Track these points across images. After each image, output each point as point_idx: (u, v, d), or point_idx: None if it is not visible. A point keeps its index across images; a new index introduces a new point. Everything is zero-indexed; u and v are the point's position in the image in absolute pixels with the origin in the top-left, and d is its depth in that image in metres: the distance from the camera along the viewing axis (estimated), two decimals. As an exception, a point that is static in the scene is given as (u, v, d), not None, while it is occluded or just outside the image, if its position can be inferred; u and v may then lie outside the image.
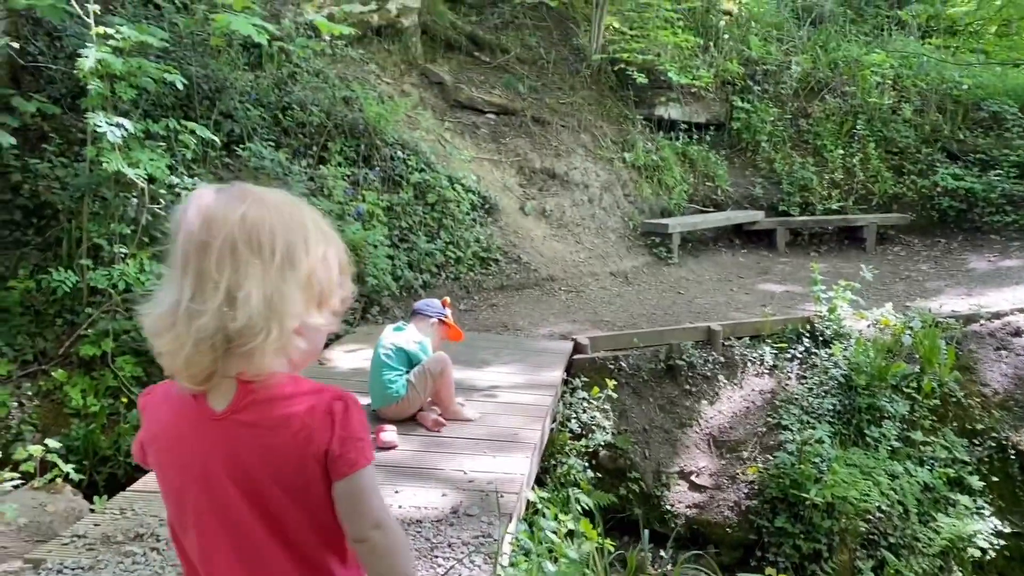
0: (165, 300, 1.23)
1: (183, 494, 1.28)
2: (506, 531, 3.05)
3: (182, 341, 1.19)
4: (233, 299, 1.18)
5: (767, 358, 6.40)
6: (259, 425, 1.24)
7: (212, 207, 1.22)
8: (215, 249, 1.19)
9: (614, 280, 8.03)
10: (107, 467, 5.23)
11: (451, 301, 6.90)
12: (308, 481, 1.24)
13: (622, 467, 5.67)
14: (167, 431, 1.29)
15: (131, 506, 3.21)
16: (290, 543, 1.26)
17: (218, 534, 1.26)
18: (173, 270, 1.23)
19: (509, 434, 4.13)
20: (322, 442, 1.23)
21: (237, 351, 1.20)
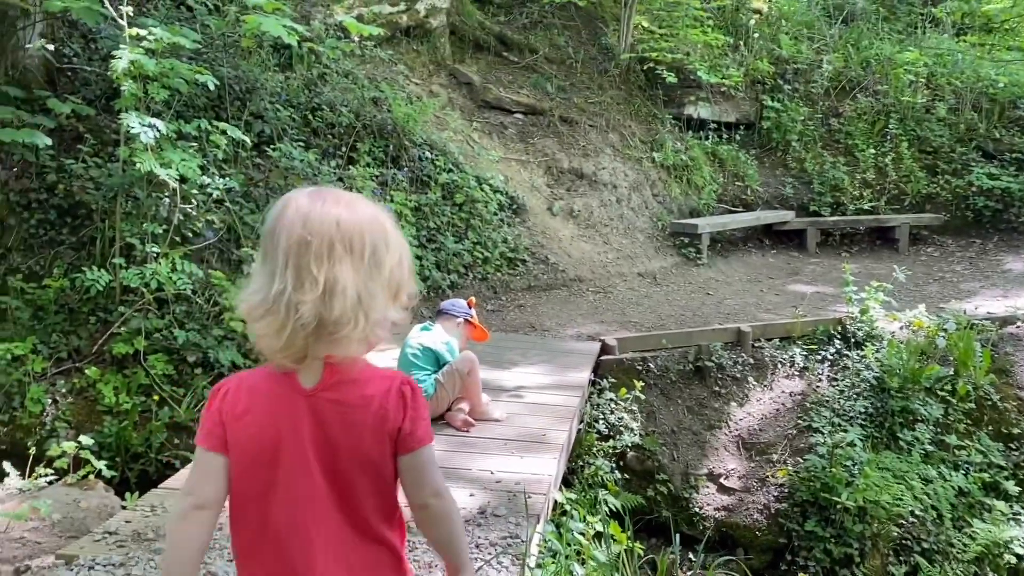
0: (263, 289, 1.39)
1: (274, 462, 1.42)
2: (534, 532, 3.04)
3: (282, 325, 1.35)
4: (331, 292, 1.34)
5: (797, 360, 6.33)
6: (343, 403, 1.42)
7: (310, 210, 1.39)
8: (315, 247, 1.35)
9: (642, 281, 7.99)
10: (139, 464, 5.30)
11: (477, 301, 6.91)
12: (381, 454, 1.42)
13: (650, 469, 5.63)
14: (259, 406, 1.44)
15: (162, 503, 3.24)
16: (352, 508, 1.43)
17: (307, 492, 1.42)
18: (270, 263, 1.39)
19: (536, 435, 4.12)
20: (396, 420, 1.42)
21: (328, 337, 1.37)
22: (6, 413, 5.40)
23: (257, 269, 1.45)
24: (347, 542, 1.44)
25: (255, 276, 1.44)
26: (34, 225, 6.01)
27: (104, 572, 2.72)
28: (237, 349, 5.79)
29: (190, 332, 5.68)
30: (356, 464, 1.42)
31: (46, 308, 5.98)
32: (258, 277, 1.43)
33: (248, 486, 1.45)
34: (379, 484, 1.45)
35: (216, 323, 5.82)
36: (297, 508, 1.42)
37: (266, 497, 1.43)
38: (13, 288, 5.73)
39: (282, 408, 1.43)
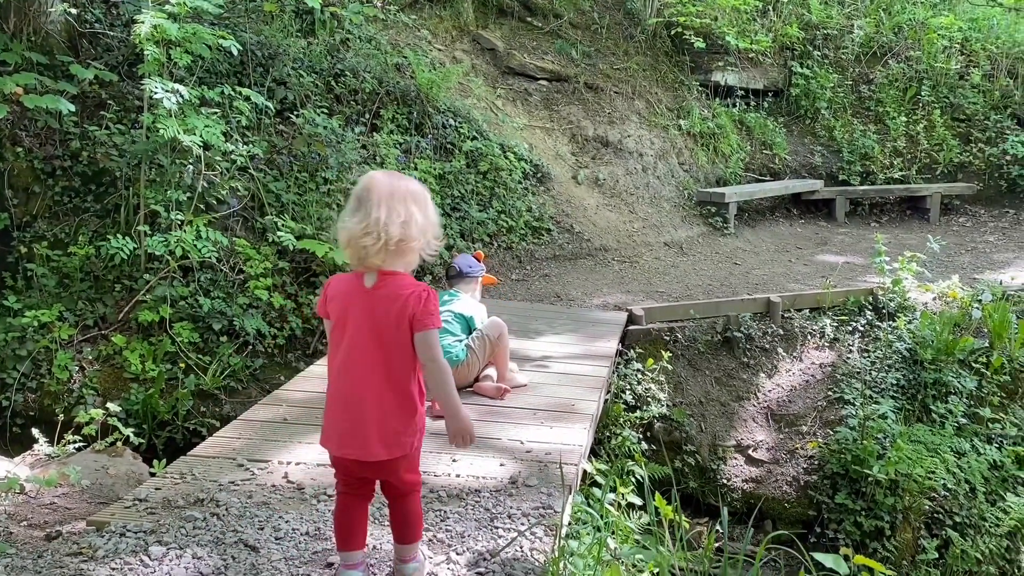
0: (364, 220, 2.20)
1: (345, 326, 2.29)
2: (567, 503, 2.99)
3: (361, 247, 2.21)
4: (407, 222, 2.21)
5: (828, 331, 6.23)
6: (387, 297, 2.25)
7: (387, 177, 2.30)
8: (398, 196, 2.22)
9: (668, 250, 7.88)
10: (166, 431, 5.30)
11: (503, 271, 6.85)
12: (404, 329, 2.24)
13: (677, 440, 5.58)
14: (342, 293, 2.31)
15: (191, 471, 3.23)
16: (391, 368, 2.27)
17: (361, 348, 2.26)
18: (366, 206, 2.20)
19: (566, 405, 4.07)
20: (413, 310, 2.24)
21: (383, 254, 2.21)
22: (34, 380, 5.42)
23: (351, 212, 2.24)
24: (381, 383, 2.27)
25: (351, 215, 2.23)
26: (59, 192, 5.98)
27: (135, 539, 2.70)
28: (263, 317, 5.76)
29: (215, 300, 5.65)
30: (393, 333, 2.24)
31: (72, 276, 5.97)
32: (356, 215, 2.22)
33: (335, 336, 2.33)
34: (407, 349, 2.27)
35: (241, 291, 5.80)
36: (355, 354, 2.26)
37: (341, 344, 2.30)
38: (39, 255, 5.72)
39: (351, 300, 2.29)
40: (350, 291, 2.27)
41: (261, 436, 3.60)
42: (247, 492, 3.06)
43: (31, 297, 5.65)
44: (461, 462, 3.36)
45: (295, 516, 2.88)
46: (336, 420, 2.29)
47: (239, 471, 3.25)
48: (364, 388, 2.24)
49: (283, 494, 3.07)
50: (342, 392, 2.28)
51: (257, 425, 3.73)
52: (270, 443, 3.52)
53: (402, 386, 2.26)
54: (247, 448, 3.47)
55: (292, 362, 5.79)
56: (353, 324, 2.24)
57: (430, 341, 2.24)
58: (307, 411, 3.90)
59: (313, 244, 5.74)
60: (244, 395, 5.57)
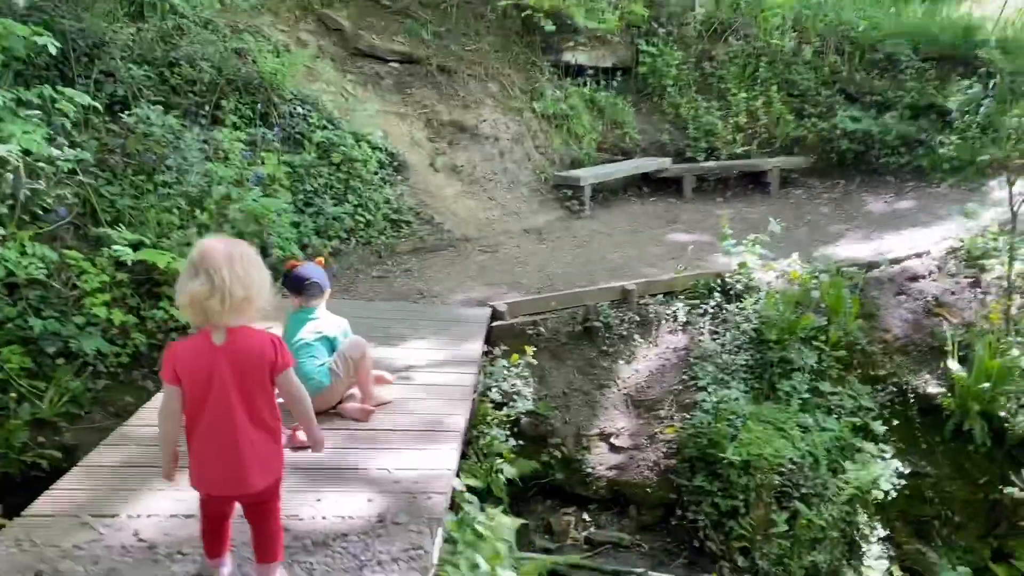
0: (204, 285, 2.37)
1: (206, 385, 2.46)
2: (436, 539, 2.96)
3: (206, 308, 2.37)
4: (248, 284, 2.41)
5: (680, 315, 6.46)
6: (241, 349, 2.45)
7: (222, 244, 2.46)
8: (236, 259, 2.41)
9: (528, 237, 7.92)
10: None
11: (361, 267, 6.68)
12: (264, 376, 2.48)
13: (543, 433, 5.66)
14: (193, 356, 2.45)
15: (28, 536, 2.97)
16: (253, 410, 2.49)
17: (223, 401, 2.44)
18: (205, 271, 2.37)
19: (433, 421, 4.02)
20: (271, 357, 2.49)
21: (229, 313, 2.39)
22: None
23: (190, 277, 2.39)
24: (248, 425, 2.48)
25: (191, 279, 2.38)
26: None
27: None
28: (103, 335, 5.38)
29: (47, 320, 5.22)
30: (254, 383, 2.46)
31: None
32: (196, 279, 2.37)
33: (194, 396, 2.48)
34: (267, 394, 2.52)
35: (76, 308, 5.38)
36: (221, 406, 2.46)
37: (205, 402, 2.46)
38: None
39: (202, 361, 2.43)
40: (202, 352, 2.43)
41: (107, 485, 3.37)
42: (93, 557, 2.86)
43: None
44: (326, 500, 3.27)
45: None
46: (212, 467, 2.51)
47: (84, 531, 3.02)
48: (236, 434, 2.46)
49: (134, 556, 2.88)
50: (215, 443, 2.47)
51: (102, 472, 3.49)
52: (117, 493, 3.30)
53: (266, 422, 2.54)
54: (91, 502, 3.23)
55: (138, 380, 5.45)
56: (216, 380, 2.42)
57: (291, 379, 2.56)
58: (156, 451, 3.66)
59: (153, 255, 5.39)
60: (87, 420, 5.20)
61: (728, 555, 5.28)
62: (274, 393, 2.55)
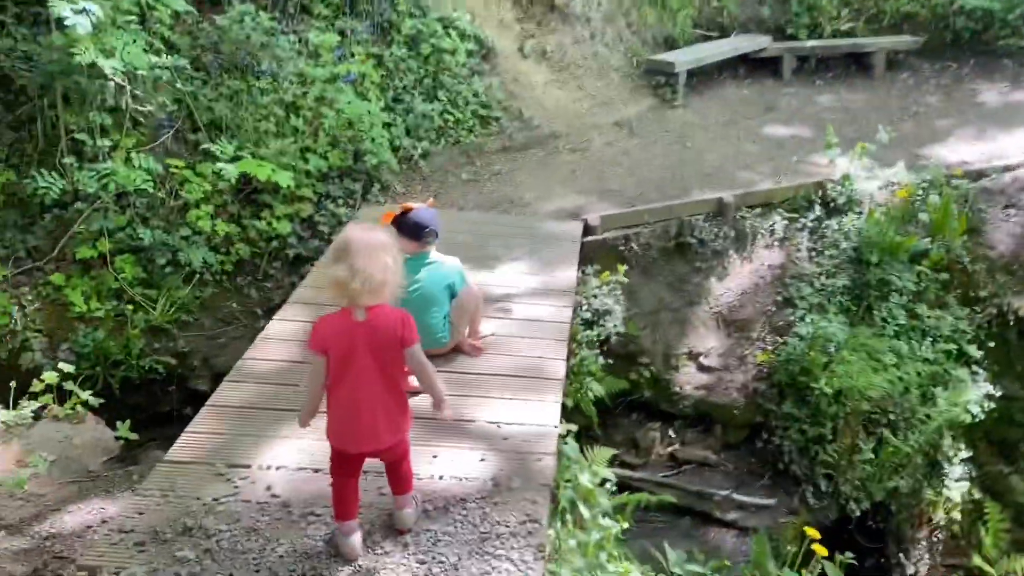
0: (346, 271, 2.65)
1: (349, 356, 2.75)
2: (549, 515, 3.11)
3: (349, 291, 2.66)
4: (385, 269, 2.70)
5: (778, 229, 6.30)
6: (379, 325, 2.74)
7: (363, 232, 2.75)
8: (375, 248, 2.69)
9: (619, 132, 7.69)
10: (120, 370, 5.21)
11: (451, 169, 6.60)
12: (396, 349, 2.78)
13: (632, 352, 5.74)
14: (339, 331, 2.75)
15: (171, 485, 3.21)
16: (386, 378, 2.81)
17: (364, 369, 2.76)
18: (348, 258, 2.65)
19: (533, 366, 4.10)
20: (401, 333, 2.77)
21: (368, 295, 2.68)
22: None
23: (333, 261, 2.71)
24: (383, 392, 2.82)
25: (334, 264, 2.69)
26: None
27: (130, 586, 2.73)
28: (207, 244, 5.54)
29: (155, 230, 5.39)
30: (387, 355, 2.78)
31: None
32: (339, 264, 2.66)
33: (337, 366, 2.78)
34: (396, 361, 2.82)
35: (181, 218, 5.52)
36: (361, 375, 2.78)
37: (347, 371, 2.78)
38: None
39: (351, 332, 2.74)
40: (345, 328, 2.76)
41: (234, 429, 3.57)
42: (234, 514, 3.08)
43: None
44: (441, 457, 3.42)
45: (288, 548, 2.93)
46: (348, 424, 2.87)
47: (220, 483, 3.24)
48: (372, 399, 2.81)
49: (270, 515, 3.09)
50: (353, 405, 2.82)
51: (228, 414, 3.69)
52: (245, 440, 3.50)
53: (397, 389, 2.88)
54: (223, 449, 3.45)
55: (243, 288, 5.66)
56: (358, 352, 2.75)
57: (415, 353, 2.84)
58: (276, 391, 3.86)
59: (253, 167, 5.44)
60: (197, 327, 5.47)
61: (812, 479, 5.41)
62: (403, 363, 2.86)
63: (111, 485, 4.05)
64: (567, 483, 3.65)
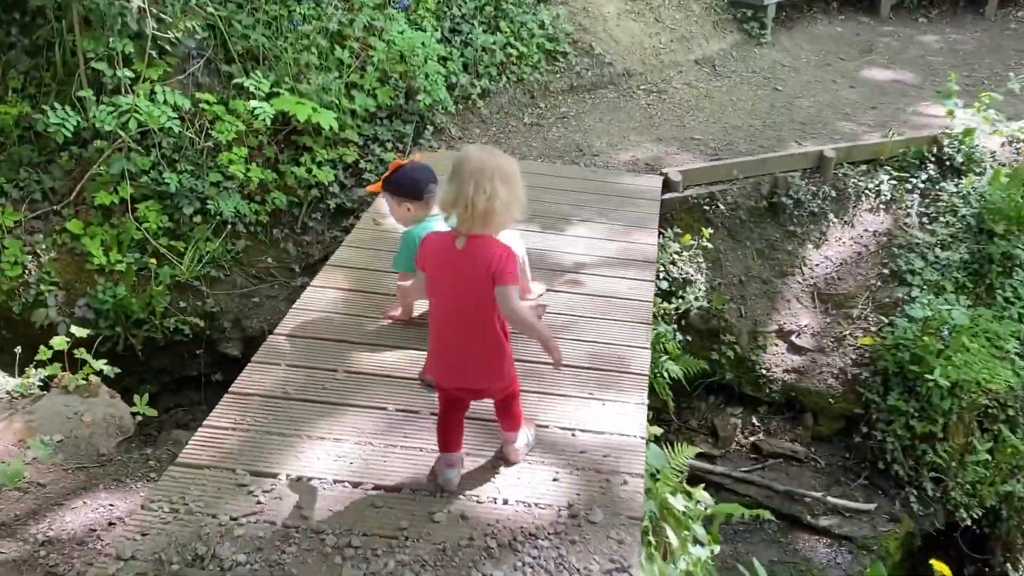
0: (451, 193, 2.47)
1: (441, 280, 2.60)
2: (638, 554, 2.50)
3: (460, 212, 2.48)
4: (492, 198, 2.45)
5: (884, 189, 5.51)
6: (473, 257, 2.51)
7: (480, 153, 2.55)
8: (487, 173, 2.45)
9: (700, 72, 6.86)
10: (143, 330, 4.70)
11: (511, 110, 5.88)
12: (488, 286, 2.51)
13: (715, 328, 5.06)
14: (436, 251, 2.60)
15: (183, 497, 2.66)
16: (478, 316, 2.57)
17: (454, 300, 2.59)
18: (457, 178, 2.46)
19: (612, 356, 3.46)
20: (494, 269, 2.49)
21: (471, 222, 2.48)
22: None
23: (448, 180, 2.50)
24: (474, 327, 2.58)
25: (448, 183, 2.49)
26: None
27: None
28: (239, 192, 4.94)
29: (183, 175, 4.80)
30: (481, 287, 2.50)
31: (7, 134, 5.05)
32: (450, 184, 2.48)
33: (432, 287, 2.64)
34: (489, 298, 2.51)
35: (211, 161, 4.91)
36: (452, 303, 2.60)
37: (440, 295, 2.63)
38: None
39: (446, 256, 2.56)
40: (444, 251, 2.57)
41: (261, 425, 3.00)
42: (255, 541, 2.53)
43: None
44: (505, 473, 2.82)
45: (319, 593, 2.38)
46: (441, 358, 2.70)
47: (241, 497, 2.69)
48: (461, 332, 2.60)
49: (298, 544, 2.53)
50: (445, 336, 2.65)
51: (253, 405, 3.12)
52: (274, 440, 2.94)
53: (491, 328, 2.59)
54: (247, 450, 2.89)
55: (279, 241, 5.07)
56: (448, 279, 2.57)
57: (506, 294, 2.51)
58: (309, 376, 3.28)
59: (292, 105, 4.79)
60: (228, 283, 4.92)
61: (916, 481, 4.74)
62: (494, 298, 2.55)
63: (124, 472, 3.54)
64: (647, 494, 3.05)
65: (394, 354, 3.44)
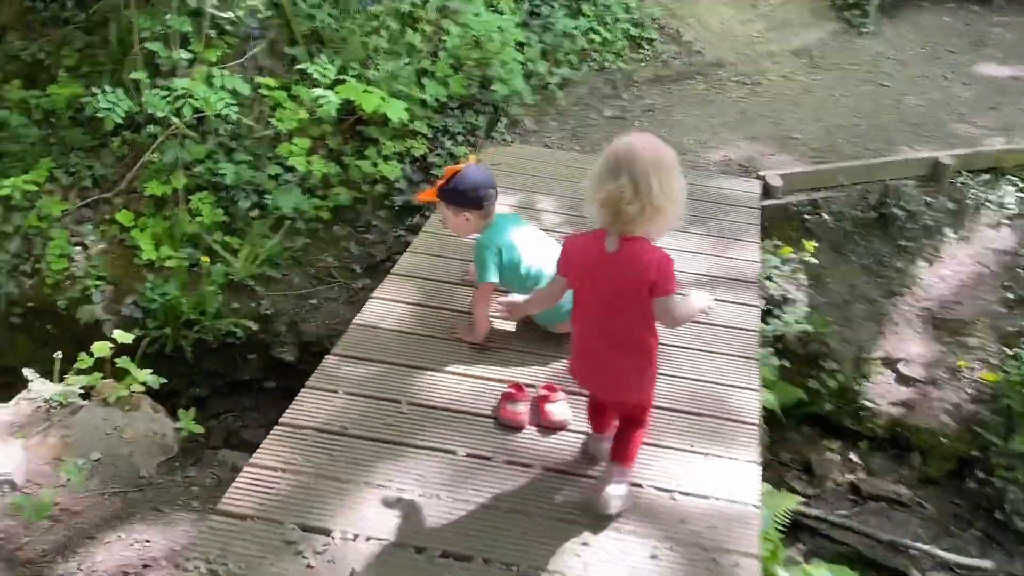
0: (624, 188, 2.17)
1: (589, 286, 2.39)
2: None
3: (621, 212, 2.20)
4: (672, 196, 2.22)
5: (1008, 202, 4.92)
6: (628, 262, 2.28)
7: (651, 144, 2.26)
8: (665, 168, 2.21)
9: (797, 63, 6.29)
10: (193, 331, 4.38)
11: (591, 102, 5.43)
12: (642, 295, 2.29)
13: (814, 353, 4.56)
14: (583, 256, 2.38)
15: (223, 557, 2.30)
16: (625, 325, 2.37)
17: (603, 309, 2.37)
18: (630, 172, 2.16)
19: (715, 397, 3.01)
20: (654, 276, 2.26)
21: (641, 222, 2.22)
22: (28, 261, 4.44)
23: (608, 174, 2.20)
24: (621, 338, 2.40)
25: (610, 177, 2.19)
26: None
27: None
28: (300, 186, 4.58)
29: (240, 166, 4.46)
30: (632, 297, 2.31)
31: (59, 115, 4.79)
32: (617, 178, 2.18)
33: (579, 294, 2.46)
34: (644, 310, 2.33)
35: (270, 151, 4.56)
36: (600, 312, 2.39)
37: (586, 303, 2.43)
38: (11, 100, 4.50)
39: (595, 260, 2.34)
40: (591, 254, 2.34)
41: (314, 469, 2.64)
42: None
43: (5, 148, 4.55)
44: (594, 547, 2.40)
45: None
46: (582, 362, 2.53)
47: (288, 558, 2.32)
48: (604, 340, 2.41)
49: (358, 632, 2.16)
50: (588, 342, 2.47)
51: (306, 441, 2.75)
52: (329, 487, 2.56)
53: (637, 341, 2.39)
54: (297, 497, 2.52)
55: (341, 239, 4.71)
56: (597, 287, 2.36)
57: (668, 306, 2.30)
58: (369, 407, 2.90)
59: (359, 94, 4.40)
60: (285, 284, 4.58)
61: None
62: (650, 313, 2.34)
63: (163, 498, 3.23)
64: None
65: (464, 384, 3.05)
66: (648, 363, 2.45)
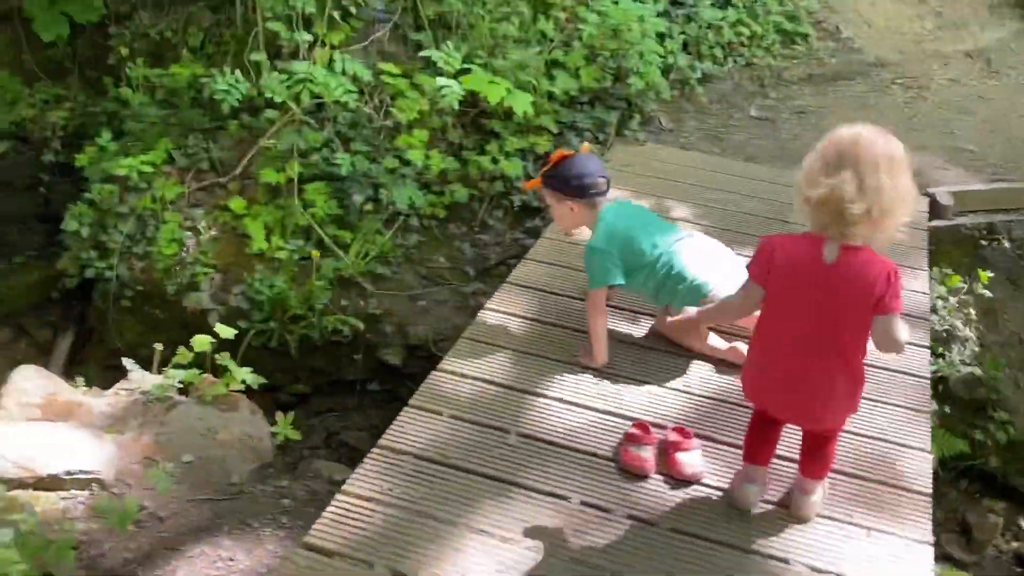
0: (849, 184, 1.90)
1: (794, 298, 2.11)
2: None
3: (842, 213, 1.92)
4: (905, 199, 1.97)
5: None
6: (851, 275, 2.01)
7: (881, 138, 1.97)
8: (897, 165, 1.95)
9: (970, 66, 5.62)
10: (299, 326, 4.19)
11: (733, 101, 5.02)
12: (866, 312, 2.03)
13: (982, 399, 3.97)
14: (795, 263, 2.09)
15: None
16: (840, 344, 2.10)
17: (813, 324, 2.09)
18: (856, 167, 1.90)
19: (881, 460, 2.55)
20: (879, 293, 2.01)
21: (865, 226, 1.95)
22: (140, 243, 4.36)
23: (830, 167, 1.94)
24: (831, 361, 2.12)
25: (831, 171, 1.93)
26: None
27: None
28: (416, 181, 4.33)
29: (356, 156, 4.23)
30: (848, 315, 2.06)
31: (180, 95, 4.70)
32: (840, 173, 1.91)
33: (777, 306, 2.17)
34: (860, 330, 2.08)
35: (388, 143, 4.32)
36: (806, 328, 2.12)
37: (788, 316, 2.15)
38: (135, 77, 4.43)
39: (809, 270, 2.06)
40: (804, 262, 2.06)
41: (411, 502, 2.35)
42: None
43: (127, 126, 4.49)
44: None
45: None
46: (773, 384, 2.22)
47: (377, 609, 2.04)
48: (812, 363, 2.13)
49: None
50: (786, 364, 2.17)
51: (406, 467, 2.47)
52: (424, 526, 2.27)
53: (853, 364, 2.17)
54: (390, 535, 2.24)
55: (455, 238, 4.43)
56: (810, 299, 2.09)
57: (892, 325, 2.04)
58: (475, 435, 2.59)
59: (484, 85, 4.10)
60: (395, 283, 4.33)
61: None
62: (867, 331, 2.09)
63: (253, 509, 3.01)
64: None
65: (581, 417, 2.70)
66: (859, 386, 2.21)
